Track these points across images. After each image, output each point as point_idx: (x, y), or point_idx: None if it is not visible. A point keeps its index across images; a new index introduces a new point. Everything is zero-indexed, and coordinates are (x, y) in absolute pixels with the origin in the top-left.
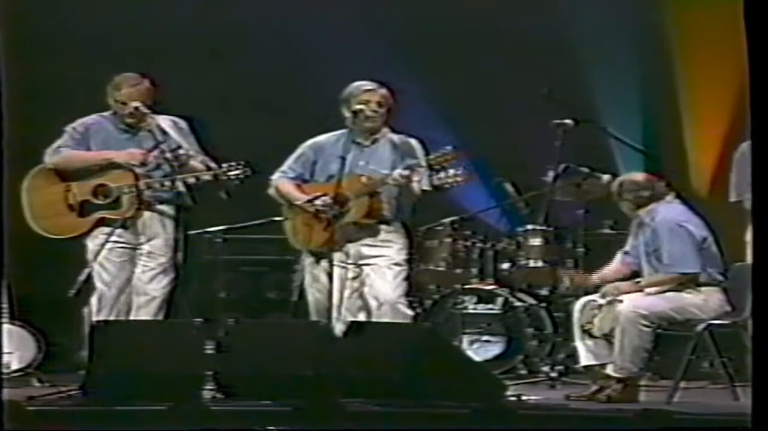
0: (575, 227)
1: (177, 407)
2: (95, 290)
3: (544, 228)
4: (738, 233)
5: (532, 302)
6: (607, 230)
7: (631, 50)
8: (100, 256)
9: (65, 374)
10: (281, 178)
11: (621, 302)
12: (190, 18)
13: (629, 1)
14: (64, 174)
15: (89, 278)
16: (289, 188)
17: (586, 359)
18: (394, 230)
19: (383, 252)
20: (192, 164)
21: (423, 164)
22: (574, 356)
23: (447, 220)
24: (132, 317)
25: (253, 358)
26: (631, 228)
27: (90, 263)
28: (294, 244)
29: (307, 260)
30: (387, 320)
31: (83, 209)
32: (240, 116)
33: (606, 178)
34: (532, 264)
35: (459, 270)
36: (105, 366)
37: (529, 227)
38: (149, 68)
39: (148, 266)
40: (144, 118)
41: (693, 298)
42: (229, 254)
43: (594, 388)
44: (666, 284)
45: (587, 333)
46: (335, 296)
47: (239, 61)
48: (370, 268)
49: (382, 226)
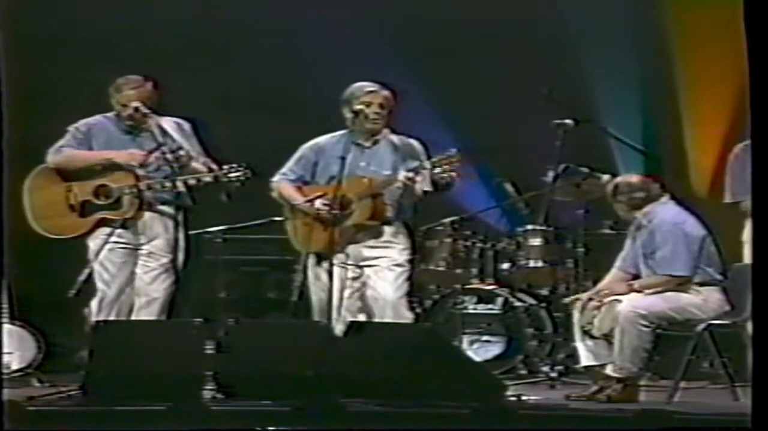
0: (575, 227)
1: (177, 407)
2: (96, 290)
3: (544, 228)
4: (738, 233)
5: (532, 302)
6: (607, 230)
7: (631, 50)
8: (100, 256)
9: (65, 374)
10: (282, 180)
11: (620, 302)
12: (190, 18)
13: (629, 1)
14: (65, 174)
15: (89, 278)
16: (290, 190)
17: (586, 359)
18: (396, 230)
19: (385, 253)
20: (193, 165)
21: (427, 165)
22: (574, 356)
23: (447, 220)
24: (134, 317)
25: (253, 358)
26: (629, 232)
27: (90, 263)
28: (295, 245)
29: (310, 259)
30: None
31: (84, 210)
32: (240, 117)
33: (606, 178)
34: (532, 264)
35: (459, 270)
36: (105, 366)
37: (529, 227)
38: (149, 68)
39: (149, 267)
40: (145, 119)
41: (692, 298)
42: (229, 254)
43: (594, 388)
44: (656, 286)
45: (587, 333)
46: (335, 296)
47: (240, 62)
48: (371, 269)
49: (384, 227)
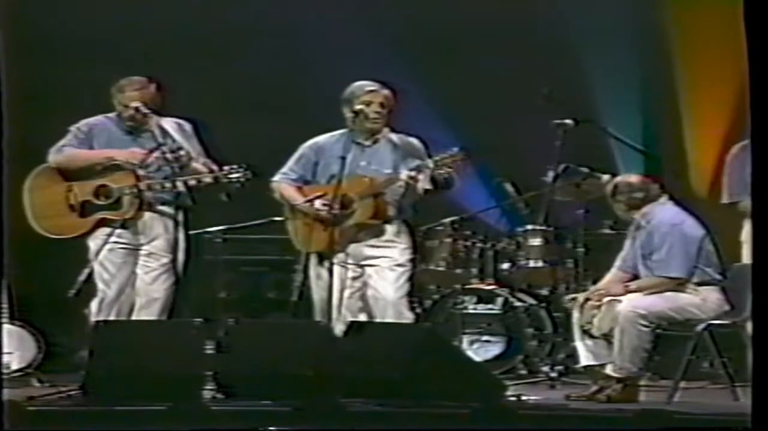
0: (575, 227)
1: (177, 407)
2: (96, 290)
3: (544, 228)
4: (738, 233)
5: (532, 302)
6: (607, 230)
7: (631, 50)
8: (101, 256)
9: (65, 374)
10: (282, 180)
11: (620, 302)
12: (191, 18)
13: (629, 1)
14: (66, 174)
15: (89, 278)
16: (290, 191)
17: (585, 359)
18: (397, 230)
19: (387, 253)
20: (193, 165)
21: (430, 164)
22: (574, 356)
23: (447, 220)
24: (134, 318)
25: (253, 358)
26: (629, 232)
27: (90, 263)
28: (296, 245)
29: (312, 259)
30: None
31: (84, 210)
32: (241, 117)
33: (606, 178)
34: (532, 264)
35: (459, 270)
36: (105, 366)
37: (529, 227)
38: (149, 68)
39: (150, 267)
40: (145, 119)
41: (692, 298)
42: (229, 254)
43: (594, 388)
44: (652, 288)
45: (587, 333)
46: (335, 295)
47: (240, 62)
48: (372, 269)
49: (386, 226)
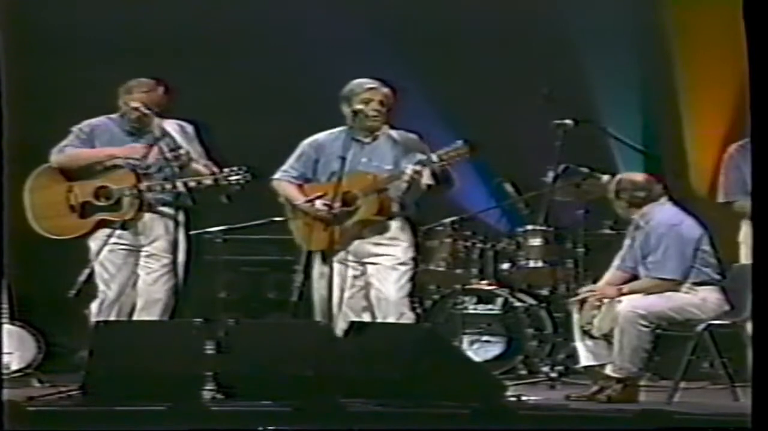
0: (575, 227)
1: (177, 407)
2: (97, 291)
3: (544, 228)
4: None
5: (532, 302)
6: (607, 230)
7: (631, 50)
8: (101, 257)
9: (65, 374)
10: (283, 178)
11: (620, 302)
12: (191, 18)
13: (629, 1)
14: (67, 174)
15: (89, 278)
16: (290, 190)
17: (585, 359)
18: (400, 227)
19: (390, 251)
20: (194, 166)
21: (435, 158)
22: (574, 356)
23: (447, 220)
24: (136, 318)
25: (253, 358)
26: (628, 232)
27: (90, 263)
28: (299, 242)
29: (316, 257)
30: (389, 320)
31: (84, 210)
32: (241, 117)
33: (606, 178)
34: (532, 264)
35: (459, 270)
36: (105, 366)
37: (529, 227)
38: (150, 68)
39: (151, 268)
40: (146, 119)
41: (691, 298)
42: (230, 254)
43: (594, 388)
44: (646, 290)
45: (587, 333)
46: (336, 294)
47: (240, 62)
48: (375, 268)
49: (390, 222)
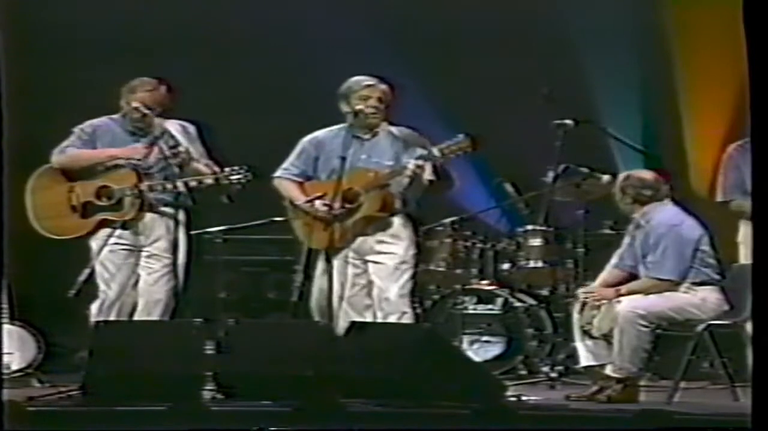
0: (575, 227)
1: (177, 407)
2: (98, 291)
3: (544, 229)
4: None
5: (532, 302)
6: (607, 230)
7: (631, 50)
8: (102, 257)
9: (65, 374)
10: (284, 176)
11: (620, 302)
12: (191, 18)
13: (629, 1)
14: (68, 175)
15: (90, 278)
16: (291, 189)
17: (585, 359)
18: (402, 224)
19: (391, 249)
20: (195, 166)
21: (436, 153)
22: (574, 356)
23: (447, 220)
24: (136, 318)
25: (253, 358)
26: (627, 231)
27: (91, 263)
28: (301, 240)
29: (320, 255)
30: (390, 319)
31: (86, 210)
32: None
33: (606, 178)
34: (532, 265)
35: (459, 270)
36: (105, 366)
37: (529, 227)
38: (150, 68)
39: (152, 269)
40: (147, 120)
41: (691, 298)
42: (230, 254)
43: (594, 388)
44: (644, 290)
45: (587, 333)
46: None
47: (240, 61)
48: (377, 266)
49: (393, 219)
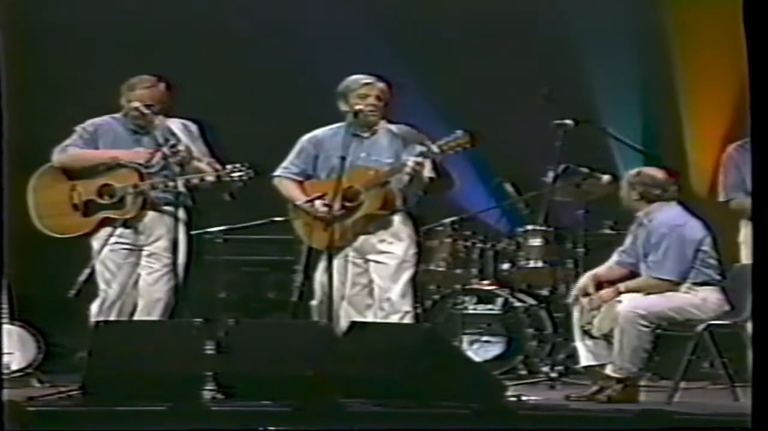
0: (575, 227)
1: (177, 407)
2: (98, 290)
3: (544, 229)
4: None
5: (532, 302)
6: (607, 231)
7: (631, 50)
8: (102, 256)
9: (65, 374)
10: (284, 176)
11: (620, 302)
12: (191, 17)
13: (629, 1)
14: (70, 173)
15: (90, 278)
16: (291, 188)
17: (585, 359)
18: (403, 222)
19: (392, 249)
20: (197, 165)
21: (435, 149)
22: (574, 356)
23: (447, 220)
24: (137, 318)
25: (253, 358)
26: (630, 229)
27: (92, 263)
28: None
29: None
30: (392, 319)
31: (88, 209)
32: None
33: (606, 178)
34: (532, 265)
35: (459, 270)
36: (105, 366)
37: (529, 227)
38: (150, 68)
39: (152, 268)
40: (147, 118)
41: (691, 298)
42: (230, 254)
43: (594, 388)
44: (644, 289)
45: (587, 333)
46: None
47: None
48: (378, 266)
49: (393, 217)
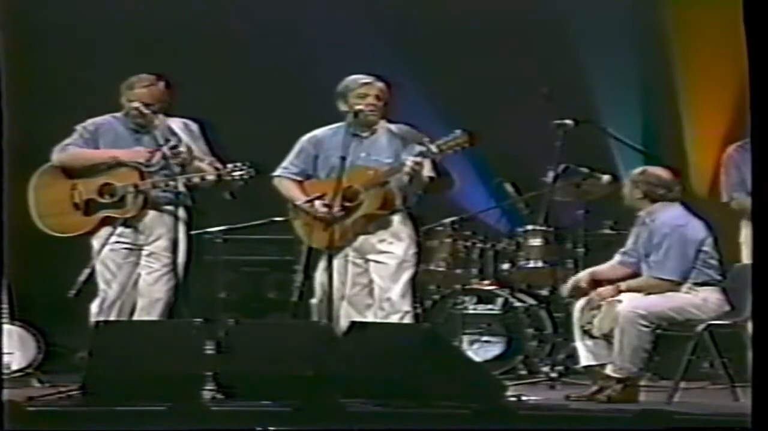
0: (575, 227)
1: (177, 407)
2: (98, 290)
3: (544, 229)
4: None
5: (532, 302)
6: (607, 230)
7: (631, 50)
8: (103, 256)
9: (65, 374)
10: (283, 176)
11: (620, 302)
12: (192, 17)
13: (629, 1)
14: (71, 172)
15: (90, 278)
16: (291, 188)
17: (585, 359)
18: (403, 222)
19: (392, 249)
20: (198, 164)
21: (434, 149)
22: (574, 356)
23: (447, 220)
24: (136, 318)
25: (253, 358)
26: (632, 228)
27: (92, 263)
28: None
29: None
30: (392, 319)
31: (88, 208)
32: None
33: (606, 178)
34: (532, 265)
35: (459, 270)
36: (105, 366)
37: (529, 227)
38: (150, 67)
39: (152, 268)
40: (147, 118)
41: (692, 298)
42: (230, 254)
43: (594, 388)
44: (645, 288)
45: (587, 333)
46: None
47: (240, 60)
48: (378, 266)
49: (393, 217)
